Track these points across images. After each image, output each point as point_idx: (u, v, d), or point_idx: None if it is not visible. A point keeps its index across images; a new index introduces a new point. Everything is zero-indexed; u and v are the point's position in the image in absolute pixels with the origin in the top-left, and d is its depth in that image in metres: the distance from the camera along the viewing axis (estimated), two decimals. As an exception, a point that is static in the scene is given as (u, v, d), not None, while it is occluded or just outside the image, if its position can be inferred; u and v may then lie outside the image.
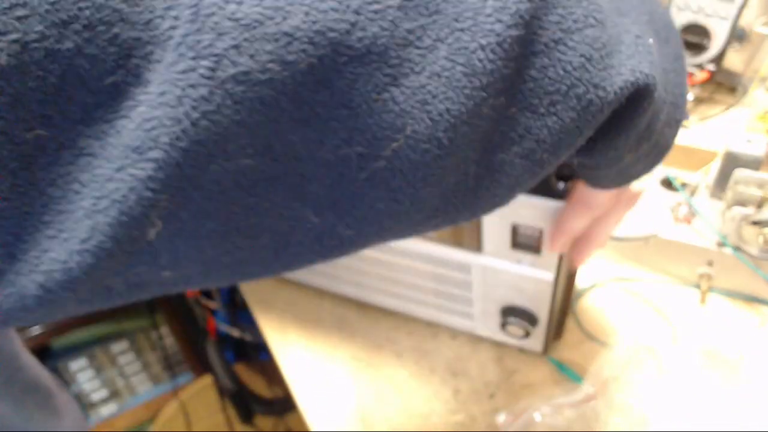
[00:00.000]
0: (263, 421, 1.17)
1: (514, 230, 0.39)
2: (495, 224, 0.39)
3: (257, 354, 1.19)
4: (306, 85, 0.17)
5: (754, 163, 0.55)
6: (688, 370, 0.48)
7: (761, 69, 0.82)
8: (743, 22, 0.79)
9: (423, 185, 0.19)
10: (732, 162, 0.55)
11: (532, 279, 0.42)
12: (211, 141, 0.16)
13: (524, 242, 0.40)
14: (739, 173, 0.52)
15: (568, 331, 0.53)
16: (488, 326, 0.50)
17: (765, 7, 0.78)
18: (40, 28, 0.14)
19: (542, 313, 0.45)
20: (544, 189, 0.36)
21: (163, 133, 0.15)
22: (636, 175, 0.29)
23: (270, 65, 0.16)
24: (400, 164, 0.19)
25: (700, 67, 0.79)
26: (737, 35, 0.80)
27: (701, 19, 0.76)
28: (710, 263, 0.55)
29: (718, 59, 0.77)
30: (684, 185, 0.61)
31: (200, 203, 0.17)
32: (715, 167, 0.60)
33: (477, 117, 0.19)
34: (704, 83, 0.80)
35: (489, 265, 0.43)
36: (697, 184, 0.61)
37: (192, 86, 0.15)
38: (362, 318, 0.56)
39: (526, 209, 0.37)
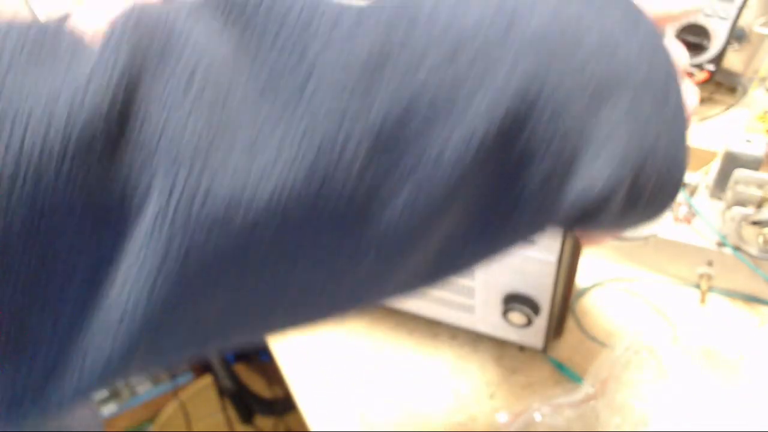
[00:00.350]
0: (263, 421, 1.17)
1: None
2: None
3: (257, 354, 1.19)
4: (272, 251, 0.18)
5: (754, 163, 0.55)
6: (688, 370, 0.48)
7: (761, 69, 0.82)
8: (743, 22, 0.79)
9: (380, 290, 0.23)
10: (732, 162, 0.56)
11: (535, 260, 0.42)
12: (184, 302, 0.18)
13: None
14: (739, 173, 0.52)
15: (568, 331, 0.54)
16: (489, 319, 0.50)
17: (765, 8, 0.78)
18: (21, 218, 0.15)
19: (544, 299, 0.45)
20: None
21: (140, 299, 0.17)
22: (634, 226, 0.28)
23: (238, 248, 0.17)
24: (361, 282, 0.21)
25: (699, 67, 0.79)
26: (737, 35, 0.80)
27: (701, 19, 0.76)
28: (710, 263, 0.56)
29: (718, 59, 0.77)
30: (684, 185, 0.61)
31: (178, 334, 0.19)
32: (714, 167, 0.60)
33: (431, 241, 0.21)
34: (704, 83, 0.80)
35: None
36: (697, 184, 0.61)
37: (165, 259, 0.16)
38: (362, 318, 0.56)
39: None
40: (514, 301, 0.46)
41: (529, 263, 0.43)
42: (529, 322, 0.46)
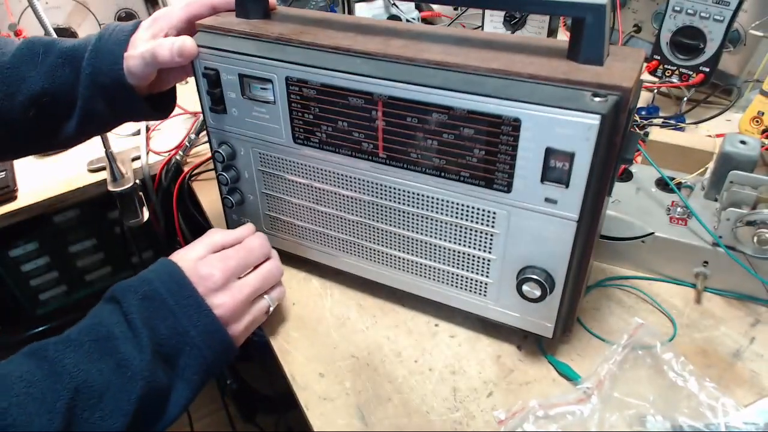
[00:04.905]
0: (265, 420, 1.17)
1: (547, 157, 0.40)
2: (529, 151, 0.41)
3: (258, 353, 1.20)
4: None
5: (749, 164, 0.56)
6: (684, 369, 0.49)
7: (756, 71, 0.83)
8: (738, 24, 0.80)
9: None
10: (727, 163, 0.56)
11: (556, 220, 0.43)
12: None
13: (554, 175, 0.41)
14: (734, 174, 0.53)
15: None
16: (501, 298, 0.50)
17: (760, 11, 0.79)
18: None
19: (560, 273, 0.46)
20: (579, 104, 0.37)
21: None
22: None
23: None
24: None
25: (695, 69, 0.79)
26: (732, 38, 0.80)
27: (696, 22, 0.76)
28: (705, 263, 0.56)
29: (714, 61, 0.78)
30: (680, 186, 0.62)
31: None
32: (710, 168, 0.61)
33: None
34: (699, 85, 0.81)
35: (515, 205, 0.44)
36: (693, 184, 0.62)
37: None
38: (362, 317, 0.57)
39: (561, 127, 0.38)
40: (529, 272, 0.46)
41: (551, 225, 0.44)
42: (543, 296, 0.46)
